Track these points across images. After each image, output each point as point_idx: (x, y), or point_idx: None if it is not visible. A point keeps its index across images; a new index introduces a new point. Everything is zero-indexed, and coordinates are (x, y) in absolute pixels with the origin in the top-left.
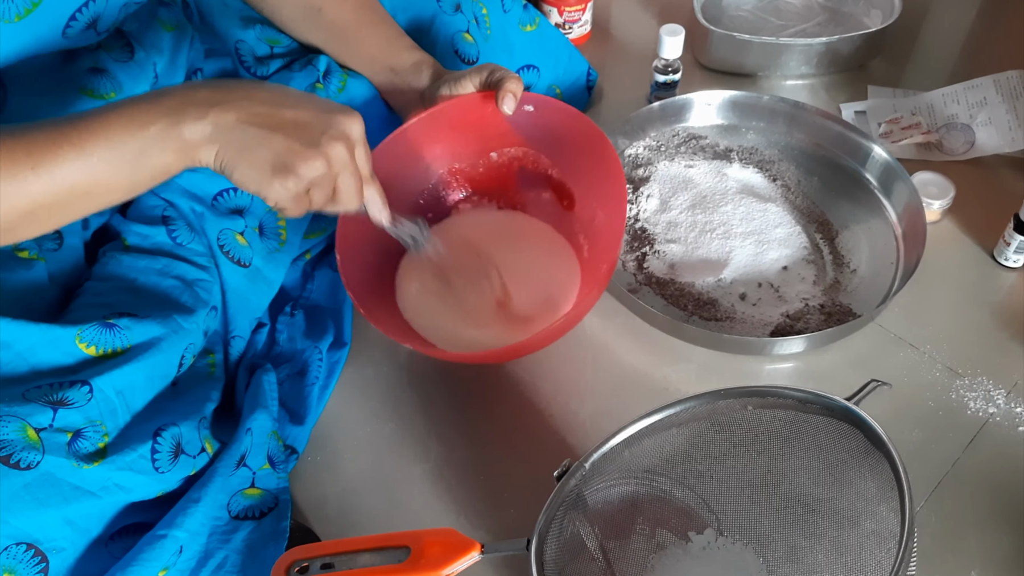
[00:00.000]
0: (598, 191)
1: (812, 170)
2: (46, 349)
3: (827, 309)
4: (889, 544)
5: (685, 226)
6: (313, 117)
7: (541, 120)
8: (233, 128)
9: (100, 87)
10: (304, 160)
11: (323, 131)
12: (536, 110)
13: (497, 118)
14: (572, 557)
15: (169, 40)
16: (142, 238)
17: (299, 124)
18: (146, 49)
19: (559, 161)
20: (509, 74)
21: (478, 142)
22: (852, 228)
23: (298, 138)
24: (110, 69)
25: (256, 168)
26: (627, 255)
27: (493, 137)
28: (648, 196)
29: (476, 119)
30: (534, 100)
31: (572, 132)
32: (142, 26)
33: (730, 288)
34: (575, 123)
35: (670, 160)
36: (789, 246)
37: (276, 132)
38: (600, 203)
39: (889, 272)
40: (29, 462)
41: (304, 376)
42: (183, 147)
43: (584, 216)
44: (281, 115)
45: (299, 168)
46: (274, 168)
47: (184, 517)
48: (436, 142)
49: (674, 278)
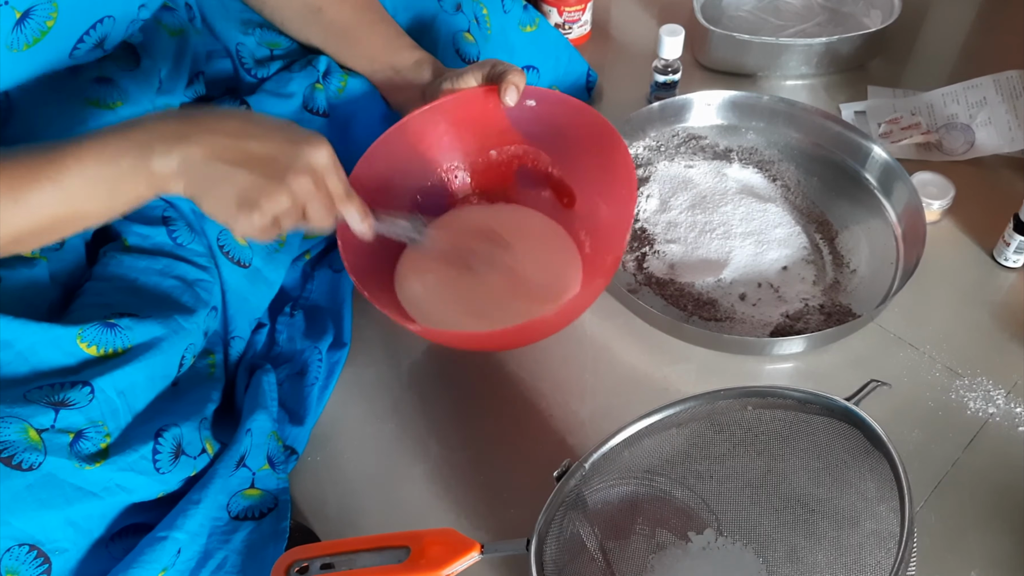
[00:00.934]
0: (603, 184)
1: (812, 170)
2: (47, 349)
3: (827, 309)
4: (889, 544)
5: (685, 226)
6: (279, 150)
7: (543, 115)
8: (199, 163)
9: (106, 97)
10: (268, 196)
11: (288, 165)
12: (538, 104)
13: (498, 115)
14: (572, 557)
15: (173, 45)
16: (142, 238)
17: (264, 159)
18: (151, 57)
19: (561, 157)
20: (512, 67)
21: (478, 139)
22: (852, 228)
23: (262, 173)
24: (115, 79)
25: (222, 202)
26: (627, 255)
27: (493, 134)
28: (648, 196)
29: (477, 115)
30: (536, 94)
31: (576, 125)
32: (147, 34)
33: (730, 288)
34: (579, 116)
35: (670, 160)
36: (789, 246)
37: (241, 167)
38: (604, 196)
39: (889, 272)
40: (31, 463)
41: (304, 376)
42: (152, 180)
43: (585, 212)
44: (247, 148)
45: (263, 204)
46: (239, 203)
47: (184, 519)
48: (436, 137)
49: (674, 278)
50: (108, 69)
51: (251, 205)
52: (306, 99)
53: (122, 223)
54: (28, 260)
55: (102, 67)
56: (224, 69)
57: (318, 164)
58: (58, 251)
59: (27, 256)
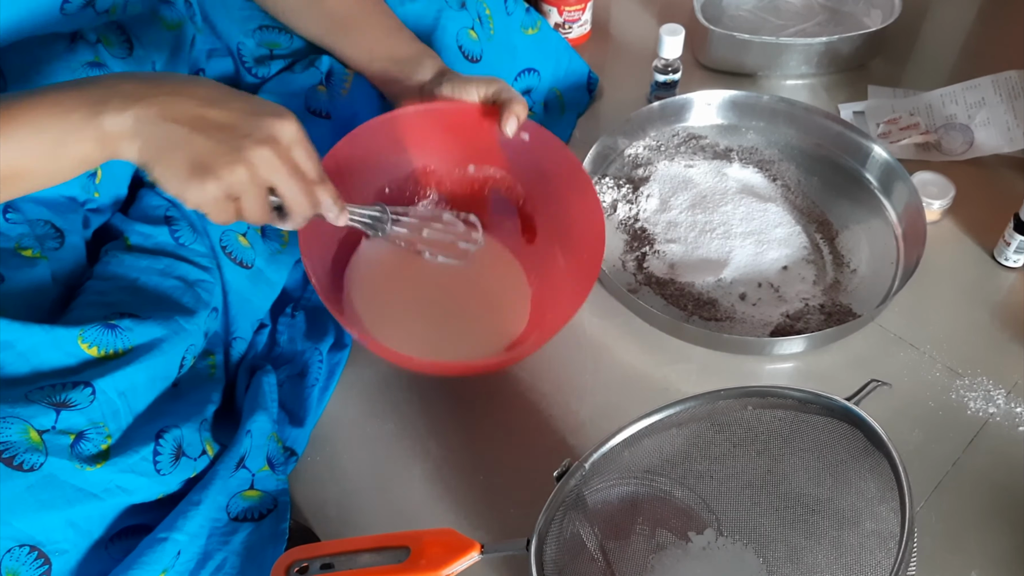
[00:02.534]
0: (567, 238)
1: (812, 170)
2: (48, 349)
3: (827, 309)
4: (889, 544)
5: (685, 226)
6: (239, 119)
7: (532, 149)
8: (155, 124)
9: None
10: (224, 163)
11: (247, 134)
12: (531, 140)
13: (488, 134)
14: (572, 557)
15: (170, 39)
16: (144, 238)
17: (224, 126)
18: (145, 47)
19: (535, 193)
20: (517, 97)
21: (461, 151)
22: (852, 228)
23: (220, 139)
24: (108, 64)
25: (174, 168)
26: (627, 255)
27: (478, 151)
28: (648, 196)
29: (468, 128)
30: (532, 129)
31: (559, 172)
32: (143, 24)
33: (730, 288)
34: (564, 165)
35: (670, 160)
36: (789, 246)
37: (198, 133)
38: (565, 250)
39: (889, 272)
40: (32, 464)
41: (304, 378)
42: (103, 138)
43: (542, 254)
44: (207, 115)
45: (218, 171)
46: (192, 169)
47: (184, 520)
48: (421, 138)
49: (674, 278)
50: (102, 54)
51: (204, 171)
52: (308, 100)
53: (124, 222)
54: (29, 260)
55: (96, 50)
56: (225, 68)
57: (282, 136)
58: (58, 250)
59: (28, 256)
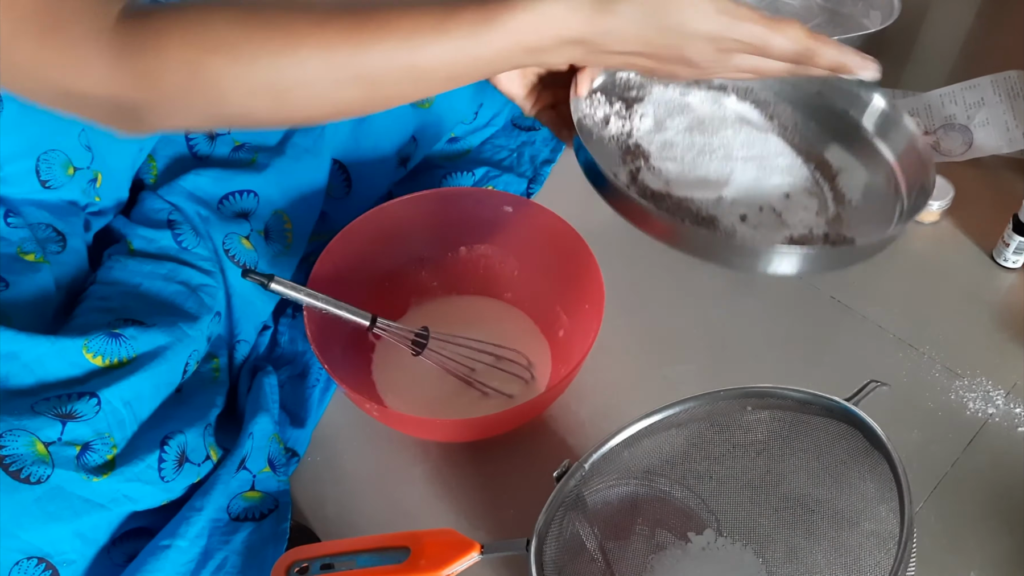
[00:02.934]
0: (566, 300)
1: (809, 114)
2: (53, 360)
3: (832, 239)
4: (888, 544)
5: (682, 147)
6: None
7: (516, 219)
8: None
9: None
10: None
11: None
12: (514, 211)
13: (476, 215)
14: (572, 557)
15: None
16: (147, 242)
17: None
18: None
19: (529, 263)
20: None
21: (450, 234)
22: (851, 171)
23: None
24: None
25: None
26: (619, 168)
27: (467, 231)
28: (642, 116)
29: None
30: (513, 203)
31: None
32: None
33: (730, 208)
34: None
35: (664, 86)
36: (792, 175)
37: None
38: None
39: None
40: (39, 476)
41: (305, 378)
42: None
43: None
44: None
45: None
46: None
47: (188, 526)
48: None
49: (671, 192)
50: None
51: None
52: None
53: (127, 225)
54: (32, 265)
55: None
56: None
57: None
58: (60, 254)
59: (31, 261)
